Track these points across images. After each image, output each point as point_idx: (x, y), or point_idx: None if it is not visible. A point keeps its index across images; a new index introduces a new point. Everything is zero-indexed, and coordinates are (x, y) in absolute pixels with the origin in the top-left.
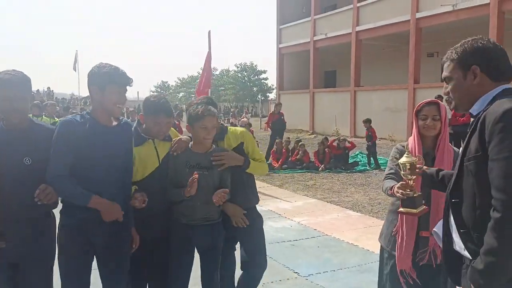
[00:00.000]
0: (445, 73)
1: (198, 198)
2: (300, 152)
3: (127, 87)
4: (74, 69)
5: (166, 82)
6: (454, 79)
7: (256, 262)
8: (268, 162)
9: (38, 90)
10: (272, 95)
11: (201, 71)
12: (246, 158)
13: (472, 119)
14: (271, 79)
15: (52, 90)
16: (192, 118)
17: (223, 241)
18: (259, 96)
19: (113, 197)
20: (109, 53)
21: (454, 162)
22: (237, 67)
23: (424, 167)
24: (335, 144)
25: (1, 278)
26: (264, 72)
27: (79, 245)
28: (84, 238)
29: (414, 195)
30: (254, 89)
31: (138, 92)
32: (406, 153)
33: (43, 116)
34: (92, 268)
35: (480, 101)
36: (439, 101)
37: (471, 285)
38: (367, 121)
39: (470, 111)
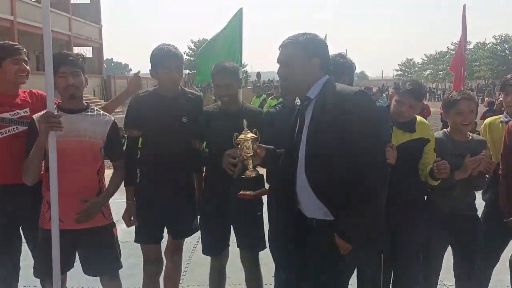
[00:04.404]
0: (283, 58)
1: (464, 188)
2: None
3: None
4: None
5: (411, 59)
6: (294, 65)
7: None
8: None
9: None
10: None
11: (451, 46)
12: None
13: (303, 102)
14: None
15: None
16: (447, 104)
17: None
18: None
19: None
20: (352, 35)
21: None
22: (496, 39)
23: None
24: None
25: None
26: None
27: None
28: None
29: (253, 175)
30: None
31: (382, 71)
32: (244, 129)
33: None
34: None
35: (315, 87)
36: None
37: (340, 239)
38: None
39: (307, 94)
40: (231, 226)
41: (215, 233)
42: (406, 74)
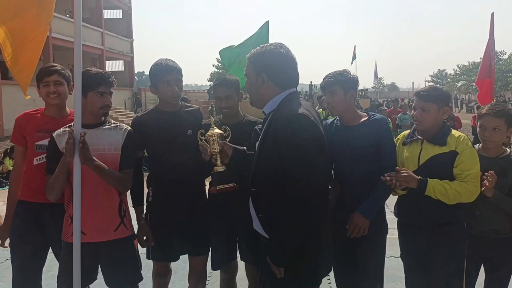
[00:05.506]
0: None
1: (487, 207)
2: None
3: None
4: (351, 63)
5: (444, 70)
6: (249, 79)
7: None
8: None
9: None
10: None
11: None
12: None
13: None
14: None
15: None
16: (477, 116)
17: None
18: None
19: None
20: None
21: None
22: None
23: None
24: None
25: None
26: None
27: None
28: None
29: (220, 170)
30: None
31: (413, 82)
32: (211, 126)
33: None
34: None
35: (271, 103)
36: None
37: (271, 263)
38: None
39: (263, 109)
40: (237, 238)
41: (221, 246)
42: (438, 85)
